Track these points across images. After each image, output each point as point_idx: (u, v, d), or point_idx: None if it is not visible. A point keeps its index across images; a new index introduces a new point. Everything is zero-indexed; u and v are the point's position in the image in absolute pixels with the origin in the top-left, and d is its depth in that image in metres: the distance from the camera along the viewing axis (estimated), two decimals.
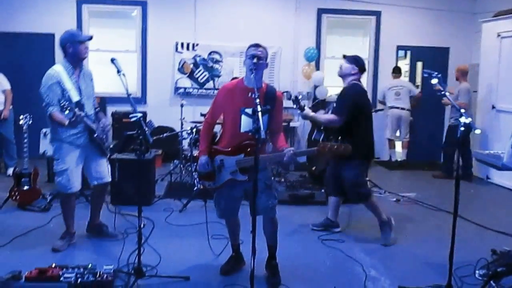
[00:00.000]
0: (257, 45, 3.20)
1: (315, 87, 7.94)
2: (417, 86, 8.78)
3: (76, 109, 3.56)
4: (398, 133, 8.23)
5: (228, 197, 3.35)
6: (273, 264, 3.42)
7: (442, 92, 3.01)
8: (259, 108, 2.69)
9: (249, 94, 3.15)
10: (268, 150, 3.44)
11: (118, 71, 3.47)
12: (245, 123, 2.88)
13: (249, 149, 3.13)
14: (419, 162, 8.17)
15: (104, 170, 4.00)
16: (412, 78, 8.93)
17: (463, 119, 2.84)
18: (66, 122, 3.60)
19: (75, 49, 3.69)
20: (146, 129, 3.26)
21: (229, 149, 3.23)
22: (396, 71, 8.16)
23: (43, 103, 3.66)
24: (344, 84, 4.27)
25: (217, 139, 3.40)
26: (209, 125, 3.40)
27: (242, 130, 2.97)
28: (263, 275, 3.39)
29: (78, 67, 3.80)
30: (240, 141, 3.16)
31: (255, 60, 3.10)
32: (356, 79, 4.20)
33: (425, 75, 3.20)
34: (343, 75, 4.24)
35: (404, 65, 10.54)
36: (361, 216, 5.06)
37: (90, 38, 3.84)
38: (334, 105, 4.44)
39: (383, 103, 8.08)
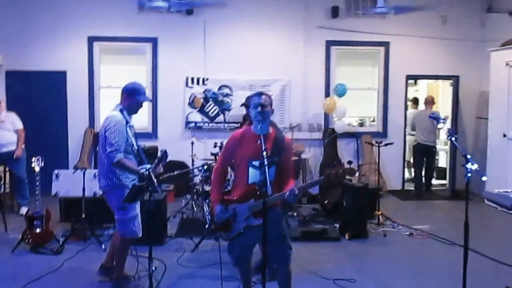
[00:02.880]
0: (260, 94, 3.25)
1: (336, 119, 8.02)
2: None
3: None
4: None
5: (241, 244, 3.34)
6: None
7: (449, 137, 3.02)
8: (265, 162, 2.73)
9: (258, 142, 3.15)
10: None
11: (127, 123, 3.66)
12: (253, 175, 2.93)
13: (258, 193, 3.08)
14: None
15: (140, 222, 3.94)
16: None
17: (469, 165, 2.84)
18: (141, 171, 3.58)
19: (131, 104, 3.78)
20: (161, 165, 3.33)
21: (240, 196, 3.25)
22: (414, 101, 8.40)
23: (110, 148, 3.58)
24: None
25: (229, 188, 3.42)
26: (219, 174, 3.41)
27: (249, 182, 3.02)
28: None
29: (130, 116, 3.87)
30: (250, 187, 3.17)
31: (259, 109, 3.14)
32: None
33: (432, 119, 3.23)
34: None
35: (414, 91, 10.62)
36: (373, 254, 5.02)
37: (144, 101, 3.89)
38: None
39: (414, 129, 8.20)
